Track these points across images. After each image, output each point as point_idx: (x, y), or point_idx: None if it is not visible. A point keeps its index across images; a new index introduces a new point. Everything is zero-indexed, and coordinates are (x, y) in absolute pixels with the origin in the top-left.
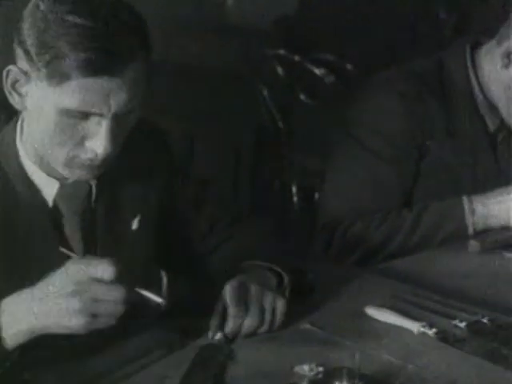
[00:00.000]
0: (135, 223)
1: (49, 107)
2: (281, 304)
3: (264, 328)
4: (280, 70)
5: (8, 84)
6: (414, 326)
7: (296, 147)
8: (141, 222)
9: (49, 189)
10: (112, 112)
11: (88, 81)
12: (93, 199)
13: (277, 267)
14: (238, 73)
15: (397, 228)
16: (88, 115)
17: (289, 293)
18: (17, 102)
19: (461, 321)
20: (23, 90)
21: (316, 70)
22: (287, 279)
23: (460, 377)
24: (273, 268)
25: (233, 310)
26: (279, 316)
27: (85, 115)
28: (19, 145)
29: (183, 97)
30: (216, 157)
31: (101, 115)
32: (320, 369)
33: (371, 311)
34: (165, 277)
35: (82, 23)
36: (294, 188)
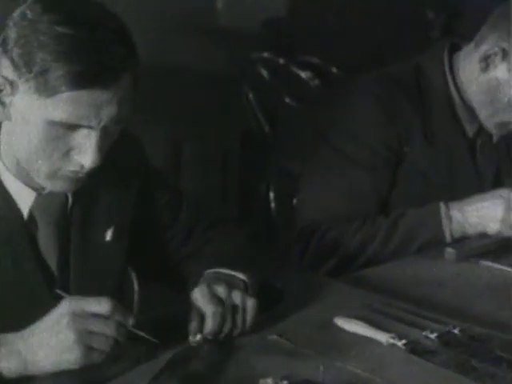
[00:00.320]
0: (109, 234)
1: (36, 118)
2: (251, 303)
3: (237, 330)
4: (265, 73)
5: None
6: (384, 337)
7: (278, 151)
8: (114, 233)
9: (25, 199)
10: (102, 125)
11: (80, 93)
12: (68, 210)
13: (240, 274)
14: (225, 76)
15: (373, 235)
16: (76, 127)
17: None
18: None
19: (432, 332)
20: (7, 100)
21: (301, 73)
22: (252, 284)
23: None
24: (237, 276)
25: (209, 309)
26: (251, 314)
27: (73, 127)
28: None
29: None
30: (203, 160)
31: (90, 127)
32: (284, 382)
33: (340, 322)
34: (137, 288)
35: (73, 34)
36: (272, 193)
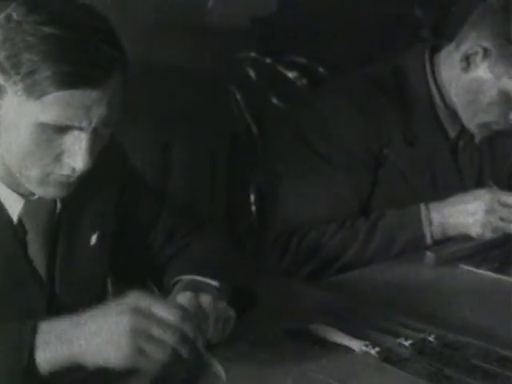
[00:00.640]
0: (94, 239)
1: (26, 121)
2: (232, 313)
3: (216, 339)
4: (252, 73)
5: None
6: (357, 345)
7: (265, 151)
8: (99, 238)
9: (14, 205)
10: (92, 126)
11: (68, 93)
12: (56, 215)
13: (212, 281)
14: (213, 75)
15: (352, 237)
16: (67, 129)
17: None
18: None
19: (406, 339)
20: None
21: (288, 73)
22: (225, 291)
23: None
24: (209, 283)
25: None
26: (231, 326)
27: (63, 129)
28: None
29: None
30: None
31: (80, 129)
32: None
33: (314, 329)
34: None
35: (60, 34)
36: (252, 195)
